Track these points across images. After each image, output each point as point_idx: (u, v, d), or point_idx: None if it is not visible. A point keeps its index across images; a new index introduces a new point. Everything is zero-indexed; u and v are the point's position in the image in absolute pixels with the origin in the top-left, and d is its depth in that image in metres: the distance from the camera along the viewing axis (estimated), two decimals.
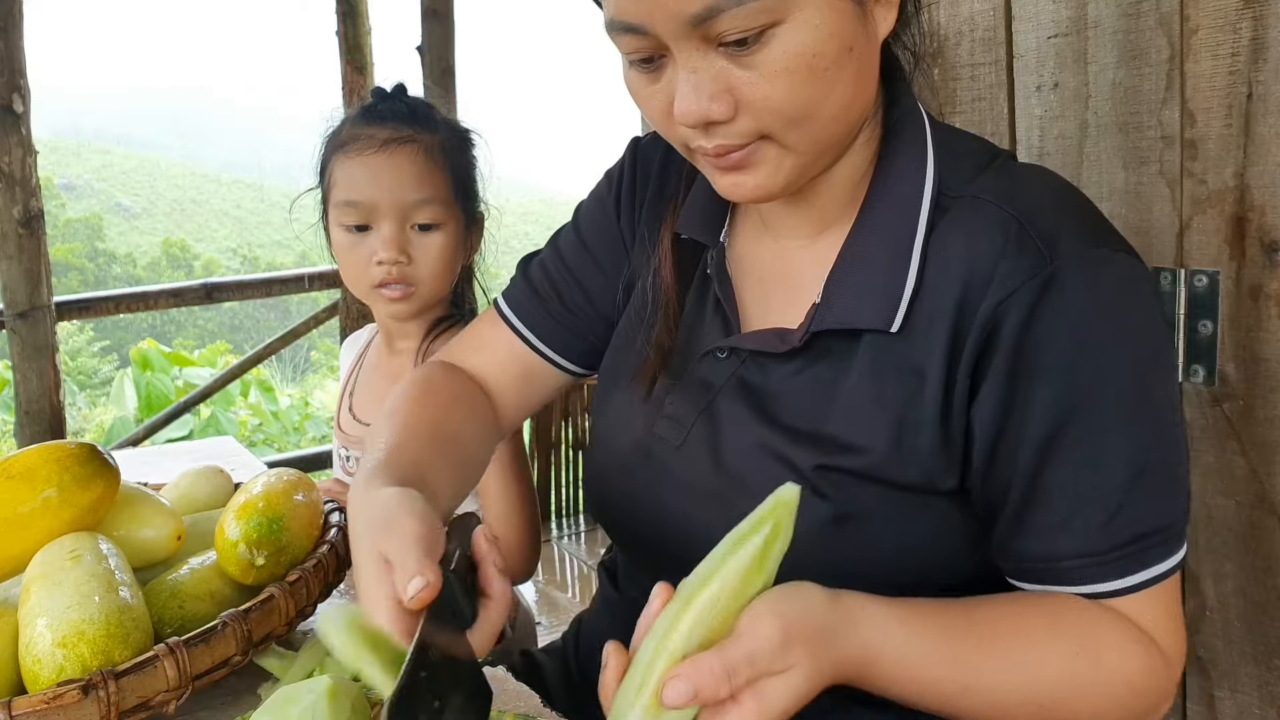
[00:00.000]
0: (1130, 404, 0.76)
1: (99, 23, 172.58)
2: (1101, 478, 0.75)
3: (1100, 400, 0.76)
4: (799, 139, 0.76)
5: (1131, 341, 0.77)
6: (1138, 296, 0.78)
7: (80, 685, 0.71)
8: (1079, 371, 0.76)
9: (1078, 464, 0.76)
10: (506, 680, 0.85)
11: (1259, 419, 1.10)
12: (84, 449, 0.89)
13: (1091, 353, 0.76)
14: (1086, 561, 0.76)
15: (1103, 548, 0.76)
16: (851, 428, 0.80)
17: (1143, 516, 0.76)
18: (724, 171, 0.79)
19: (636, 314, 0.97)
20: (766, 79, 0.72)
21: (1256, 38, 1.05)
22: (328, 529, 0.97)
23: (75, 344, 15.01)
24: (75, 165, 43.75)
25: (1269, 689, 1.13)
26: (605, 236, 1.02)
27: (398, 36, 4.47)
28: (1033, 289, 0.75)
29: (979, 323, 0.77)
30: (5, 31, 3.16)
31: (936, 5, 1.37)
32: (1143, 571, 0.76)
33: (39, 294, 3.29)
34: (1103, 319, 0.76)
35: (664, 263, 0.93)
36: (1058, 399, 0.76)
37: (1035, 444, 0.76)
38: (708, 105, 0.73)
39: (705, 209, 0.93)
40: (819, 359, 0.83)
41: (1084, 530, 0.76)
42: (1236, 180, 1.08)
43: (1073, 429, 0.76)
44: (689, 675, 0.61)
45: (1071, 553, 0.76)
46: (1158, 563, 0.76)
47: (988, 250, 0.77)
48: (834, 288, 0.82)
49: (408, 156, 1.31)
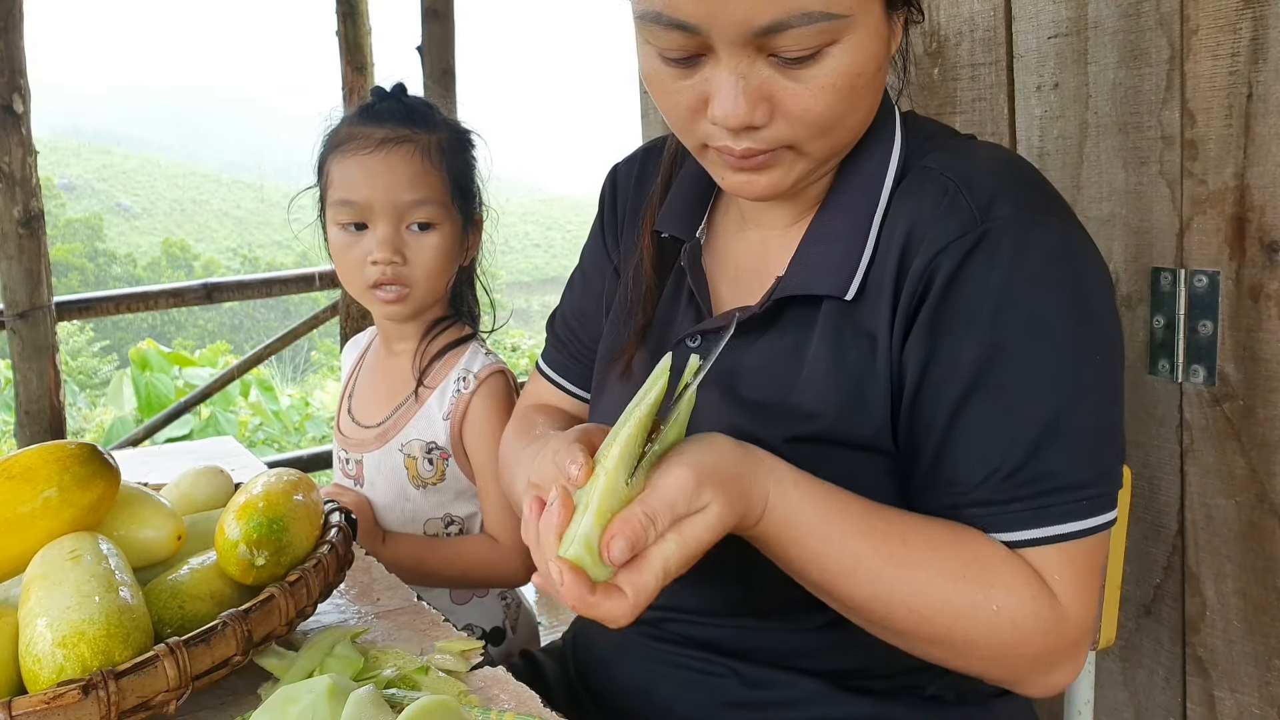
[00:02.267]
0: (1048, 364, 0.78)
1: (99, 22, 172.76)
2: (1011, 432, 0.77)
3: (1017, 357, 0.77)
4: (819, 148, 0.80)
5: (1055, 305, 0.79)
6: (1069, 264, 0.80)
7: (80, 685, 0.71)
8: (1000, 328, 0.78)
9: (989, 417, 0.78)
10: (507, 680, 0.85)
11: (1259, 419, 1.10)
12: (84, 449, 0.89)
13: (1013, 311, 0.78)
14: (989, 510, 0.78)
15: (1004, 498, 0.77)
16: (812, 394, 0.84)
17: (1051, 473, 0.77)
18: (737, 171, 0.81)
19: (618, 312, 1.02)
20: (811, 93, 0.76)
21: (1256, 38, 1.05)
22: (328, 529, 0.97)
23: (75, 344, 15.02)
24: (75, 165, 43.75)
25: (1269, 689, 1.13)
26: (601, 268, 1.08)
27: (398, 36, 4.47)
28: (962, 246, 0.79)
29: (912, 278, 0.80)
30: (5, 31, 3.15)
31: (937, 5, 1.37)
32: (1048, 526, 0.77)
33: (39, 294, 3.29)
34: (1028, 280, 0.78)
35: (644, 257, 0.98)
36: (977, 354, 0.78)
37: (951, 395, 0.78)
38: (750, 111, 0.76)
39: (683, 207, 0.97)
40: (784, 333, 0.87)
41: (988, 481, 0.77)
42: (1236, 180, 1.08)
43: (988, 382, 0.78)
44: (622, 531, 0.66)
45: (974, 500, 0.78)
46: (1068, 520, 0.77)
47: (928, 213, 0.81)
48: (797, 262, 0.87)
49: (403, 157, 1.31)
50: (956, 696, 0.90)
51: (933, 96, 1.40)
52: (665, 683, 0.94)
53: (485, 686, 0.84)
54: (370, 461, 1.40)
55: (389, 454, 1.39)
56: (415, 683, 0.84)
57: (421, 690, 0.83)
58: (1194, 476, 1.17)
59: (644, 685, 0.96)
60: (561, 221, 42.92)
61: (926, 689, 0.89)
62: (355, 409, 1.46)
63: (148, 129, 71.71)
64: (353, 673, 0.85)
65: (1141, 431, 1.22)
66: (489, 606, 1.44)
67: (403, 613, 0.99)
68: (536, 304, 32.20)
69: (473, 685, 0.84)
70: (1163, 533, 1.21)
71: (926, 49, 1.40)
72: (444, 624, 0.96)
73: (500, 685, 0.84)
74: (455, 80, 3.97)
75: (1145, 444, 1.21)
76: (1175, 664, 1.22)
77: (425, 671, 0.85)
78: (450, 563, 1.37)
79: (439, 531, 1.39)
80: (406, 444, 1.37)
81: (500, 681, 0.85)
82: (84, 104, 73.17)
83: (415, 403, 1.38)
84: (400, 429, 1.38)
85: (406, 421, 1.38)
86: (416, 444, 1.37)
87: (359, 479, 1.42)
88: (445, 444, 1.36)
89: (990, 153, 0.87)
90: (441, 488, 1.38)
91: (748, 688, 0.90)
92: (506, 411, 1.35)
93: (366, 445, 1.41)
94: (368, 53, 4.03)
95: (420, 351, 1.40)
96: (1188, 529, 1.19)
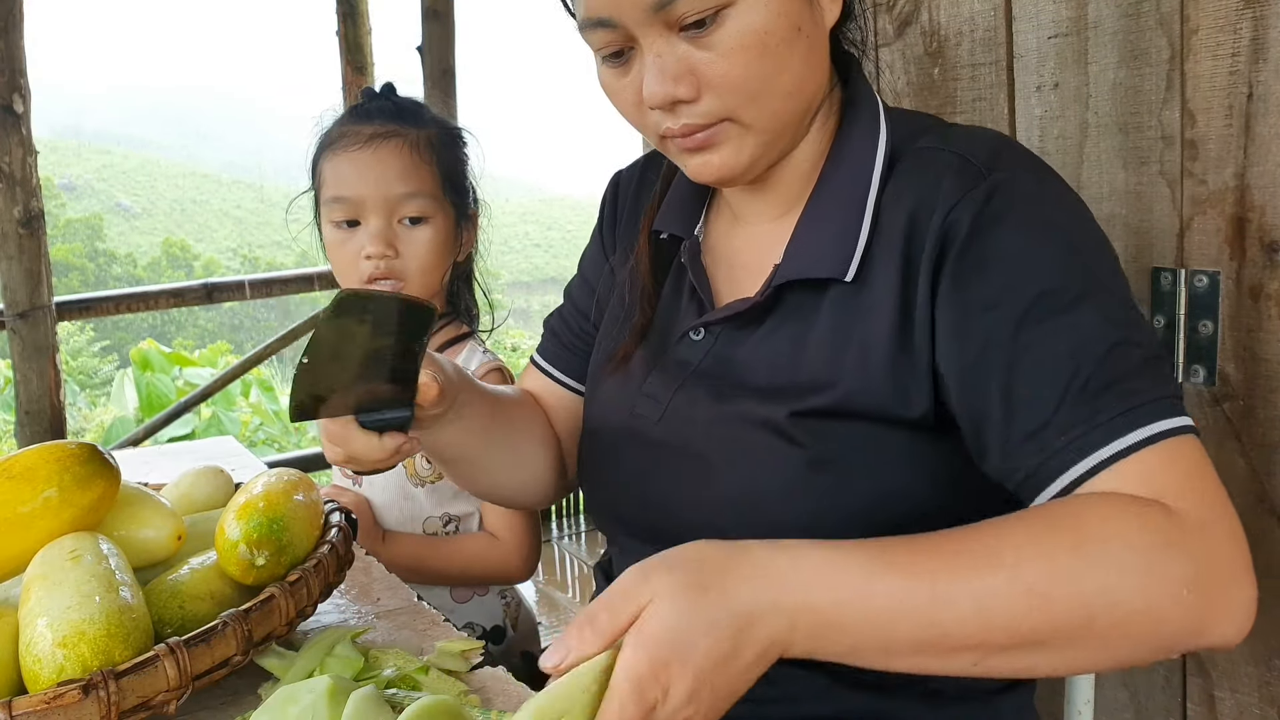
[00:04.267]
0: (1091, 286, 0.77)
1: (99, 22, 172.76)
2: (1072, 350, 0.74)
3: (1058, 288, 0.76)
4: (757, 116, 0.82)
5: (1078, 235, 0.80)
6: (1079, 203, 0.83)
7: (80, 685, 0.71)
8: (1037, 258, 0.77)
9: (1047, 345, 0.75)
10: (507, 681, 0.85)
11: (1259, 419, 1.10)
12: (84, 449, 0.89)
13: (1042, 246, 0.78)
14: (1077, 433, 0.73)
15: (1088, 412, 0.73)
16: (820, 370, 0.84)
17: (1127, 375, 0.73)
18: (691, 153, 0.85)
19: (616, 313, 1.03)
20: (724, 56, 0.79)
21: (1256, 38, 1.05)
22: (328, 529, 0.97)
23: (76, 344, 15.02)
24: (75, 165, 43.73)
25: (1269, 689, 1.13)
26: (598, 270, 1.10)
27: (398, 36, 4.47)
28: (976, 197, 0.79)
29: (932, 238, 0.80)
30: (5, 31, 3.15)
31: (937, 5, 1.37)
32: (1140, 429, 0.72)
33: (39, 294, 3.29)
34: (1049, 216, 0.79)
35: (642, 257, 1.00)
36: (1018, 285, 0.77)
37: (1003, 335, 0.76)
38: (673, 86, 0.80)
39: (681, 207, 1.00)
40: (787, 319, 0.88)
41: (1066, 401, 0.73)
42: (1237, 180, 1.08)
43: (1035, 315, 0.76)
44: (558, 640, 0.61)
45: (1059, 426, 0.73)
46: (1153, 421, 0.72)
47: (932, 181, 0.82)
48: (793, 247, 0.88)
49: (393, 151, 1.31)
50: (957, 692, 0.90)
51: (933, 96, 1.40)
52: None
53: (485, 686, 0.84)
54: None
55: None
56: (415, 683, 0.84)
57: (421, 690, 0.83)
58: None
59: None
60: (561, 221, 42.90)
61: (927, 684, 0.89)
62: None
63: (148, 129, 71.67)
64: (353, 673, 0.85)
65: None
66: (489, 605, 1.44)
67: (403, 613, 0.99)
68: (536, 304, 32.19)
69: (473, 685, 0.84)
70: None
71: (926, 49, 1.40)
72: (444, 624, 0.96)
73: (500, 685, 0.84)
74: (455, 80, 3.97)
75: None
76: (1175, 664, 1.22)
77: (425, 671, 0.85)
78: (450, 561, 1.37)
79: (438, 530, 1.39)
80: None
81: (500, 681, 0.85)
82: (84, 104, 73.12)
83: None
84: None
85: None
86: None
87: (357, 479, 1.42)
88: None
89: (981, 131, 0.90)
90: (440, 486, 1.38)
91: None
92: None
93: None
94: (368, 53, 4.03)
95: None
96: None
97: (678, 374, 0.94)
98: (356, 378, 0.81)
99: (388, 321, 0.77)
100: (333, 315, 0.74)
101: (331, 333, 0.75)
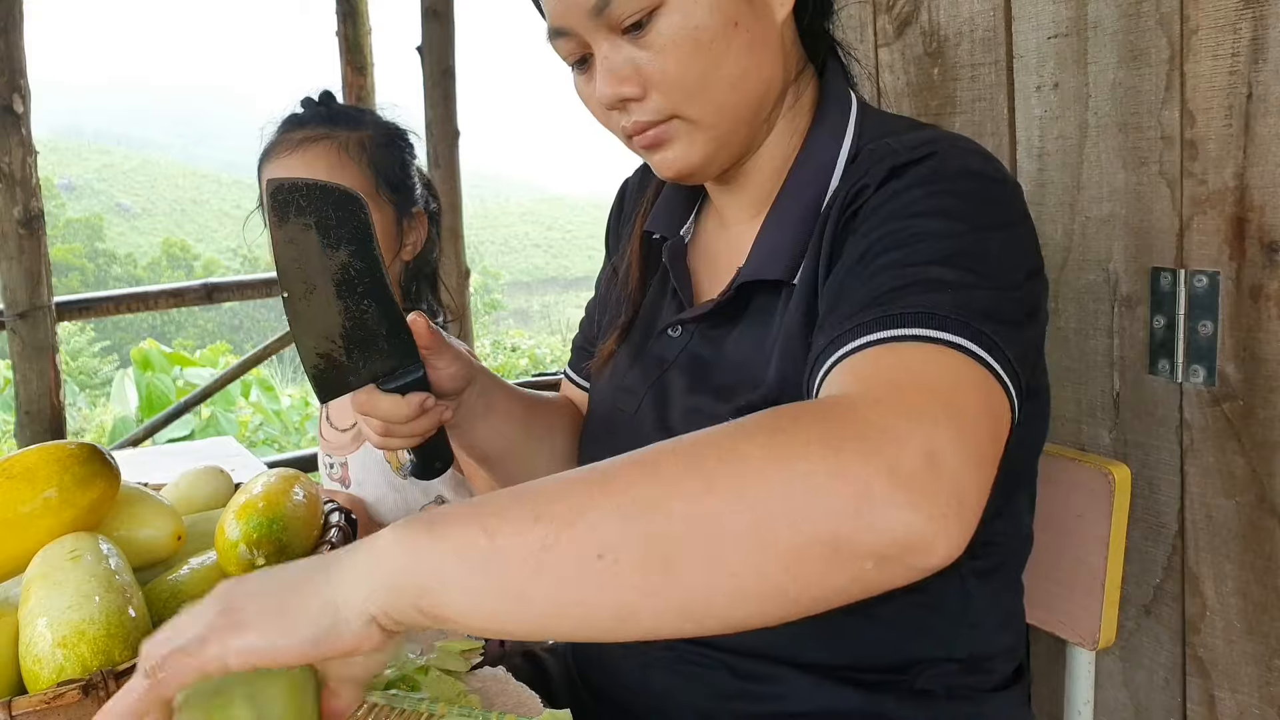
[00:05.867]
0: (941, 232, 0.72)
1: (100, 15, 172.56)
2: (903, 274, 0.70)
3: (915, 231, 0.73)
4: (701, 111, 0.84)
5: (964, 194, 0.75)
6: (986, 172, 0.77)
7: (80, 685, 0.71)
8: (899, 212, 0.75)
9: (887, 268, 0.71)
10: (507, 681, 0.85)
11: (1259, 419, 1.10)
12: (84, 449, 0.89)
13: (919, 201, 0.75)
14: (845, 326, 0.68)
15: (864, 317, 0.68)
16: (774, 372, 0.85)
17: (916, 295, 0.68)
18: (649, 150, 0.88)
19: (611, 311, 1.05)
20: (660, 54, 0.82)
21: (1256, 38, 1.05)
22: (328, 529, 0.97)
23: (76, 344, 15.02)
24: (75, 165, 43.75)
25: (1269, 689, 1.13)
26: (607, 275, 1.12)
27: (398, 36, 4.47)
28: (884, 168, 0.79)
29: (838, 208, 0.81)
30: (5, 31, 3.15)
31: (937, 5, 1.37)
32: (886, 330, 0.66)
33: (39, 294, 3.29)
34: (942, 181, 0.76)
35: (633, 257, 1.03)
36: (873, 235, 0.75)
37: (845, 266, 0.75)
38: (618, 86, 0.84)
39: (671, 208, 1.02)
40: (754, 320, 0.90)
41: (861, 307, 0.69)
42: (1236, 180, 1.08)
43: (874, 251, 0.73)
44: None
45: (830, 336, 0.69)
46: (909, 326, 0.65)
47: (862, 172, 0.81)
48: (754, 249, 0.90)
49: (319, 153, 1.34)
50: (946, 691, 0.90)
51: (933, 96, 1.40)
52: (661, 677, 0.95)
53: (485, 686, 0.84)
54: (354, 462, 1.41)
55: (369, 452, 1.40)
56: (415, 683, 0.84)
57: (421, 690, 0.83)
58: (1194, 477, 1.17)
59: (641, 680, 0.97)
60: (561, 221, 42.89)
61: (915, 683, 0.89)
62: (333, 414, 1.47)
63: (148, 129, 71.67)
64: None
65: (1141, 431, 1.22)
66: None
67: None
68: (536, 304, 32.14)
69: (472, 685, 0.84)
70: (1163, 533, 1.21)
71: (926, 49, 1.40)
72: None
73: (500, 686, 0.85)
74: (455, 80, 3.97)
75: (1145, 444, 1.21)
76: (1175, 664, 1.22)
77: (425, 672, 0.85)
78: None
79: None
80: None
81: (500, 682, 0.85)
82: (85, 98, 73.12)
83: None
84: None
85: None
86: None
87: (345, 480, 1.43)
88: None
89: (945, 133, 0.85)
90: None
91: (739, 680, 0.91)
92: None
93: (346, 448, 1.42)
94: (368, 53, 4.03)
95: None
96: (1188, 529, 1.19)
97: (654, 369, 0.96)
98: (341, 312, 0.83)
99: (326, 217, 0.81)
100: (278, 222, 0.79)
101: (289, 251, 0.80)
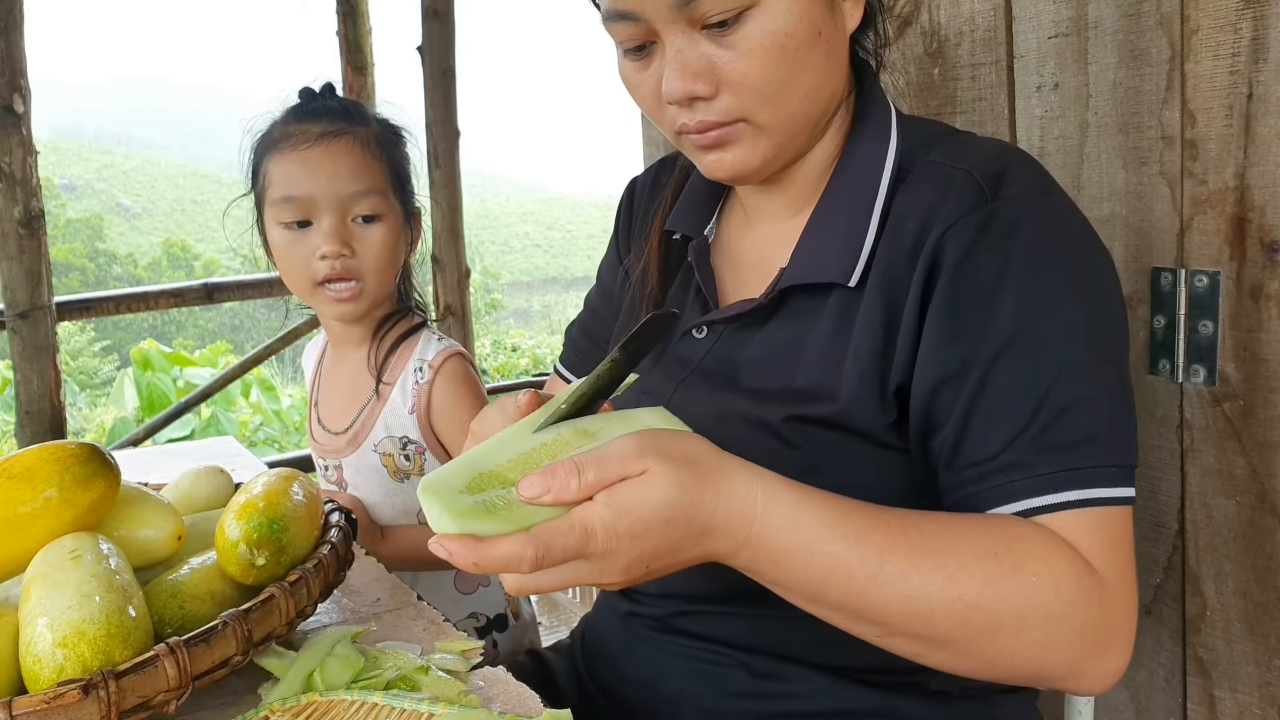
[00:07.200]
0: (1069, 337, 0.77)
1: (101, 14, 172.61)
2: (1036, 397, 0.76)
3: (1038, 330, 0.77)
4: (772, 117, 0.83)
5: (1070, 279, 0.79)
6: (1080, 240, 0.81)
7: (80, 685, 0.71)
8: (1018, 299, 0.78)
9: (1012, 387, 0.77)
10: (508, 681, 0.85)
11: (1259, 419, 1.10)
12: (85, 449, 0.89)
13: (1031, 286, 0.78)
14: (1015, 475, 0.76)
15: (1030, 459, 0.75)
16: (819, 378, 0.85)
17: (1080, 435, 0.75)
18: (705, 150, 0.86)
19: (627, 312, 1.04)
20: (743, 57, 0.80)
21: (1256, 38, 1.05)
22: (328, 529, 0.97)
23: (76, 344, 15.02)
24: (76, 165, 43.74)
25: (1269, 689, 1.13)
26: (614, 273, 1.12)
27: (398, 36, 4.47)
28: (973, 222, 0.79)
29: (925, 256, 0.81)
30: (6, 31, 3.15)
31: (937, 5, 1.37)
32: (1079, 490, 0.75)
33: (39, 294, 3.29)
34: (1044, 255, 0.79)
35: (652, 257, 1.01)
36: (996, 328, 0.77)
37: (975, 368, 0.78)
38: (692, 83, 0.81)
39: (693, 208, 1.01)
40: (788, 321, 0.89)
41: (1014, 444, 0.76)
42: (1237, 180, 1.08)
43: (1009, 354, 0.77)
44: (544, 472, 0.65)
45: (1000, 466, 0.76)
46: (1098, 485, 0.75)
47: (937, 197, 0.82)
48: (799, 252, 0.89)
49: (344, 148, 1.30)
50: (962, 691, 0.90)
51: (933, 96, 1.40)
52: (672, 674, 0.94)
53: (485, 686, 0.84)
54: (349, 465, 1.40)
55: (364, 456, 1.38)
56: (415, 683, 0.84)
57: (421, 690, 0.83)
58: (1194, 476, 1.17)
59: (651, 677, 0.96)
60: (561, 221, 42.84)
61: (931, 684, 0.89)
62: (324, 416, 1.45)
63: (148, 129, 71.66)
64: (353, 673, 0.85)
65: (1142, 431, 1.22)
66: (492, 594, 1.44)
67: (403, 613, 0.99)
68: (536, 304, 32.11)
69: (472, 685, 0.84)
70: (1163, 533, 1.21)
71: (926, 49, 1.40)
72: (444, 624, 0.96)
73: (501, 686, 0.84)
74: (455, 80, 3.97)
75: (1145, 444, 1.21)
76: (1175, 664, 1.22)
77: (425, 671, 0.85)
78: None
79: None
80: (379, 444, 1.37)
81: (501, 683, 0.85)
82: (85, 98, 73.09)
83: (378, 401, 1.37)
84: (369, 430, 1.37)
85: (374, 422, 1.37)
86: (388, 442, 1.37)
87: (340, 483, 1.42)
88: (418, 437, 1.36)
89: (990, 141, 0.89)
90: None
91: (755, 678, 0.90)
92: (469, 392, 1.35)
93: (341, 451, 1.41)
94: (368, 53, 4.03)
95: (374, 349, 1.38)
96: (1188, 529, 1.19)
97: (679, 371, 0.94)
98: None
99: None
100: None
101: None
